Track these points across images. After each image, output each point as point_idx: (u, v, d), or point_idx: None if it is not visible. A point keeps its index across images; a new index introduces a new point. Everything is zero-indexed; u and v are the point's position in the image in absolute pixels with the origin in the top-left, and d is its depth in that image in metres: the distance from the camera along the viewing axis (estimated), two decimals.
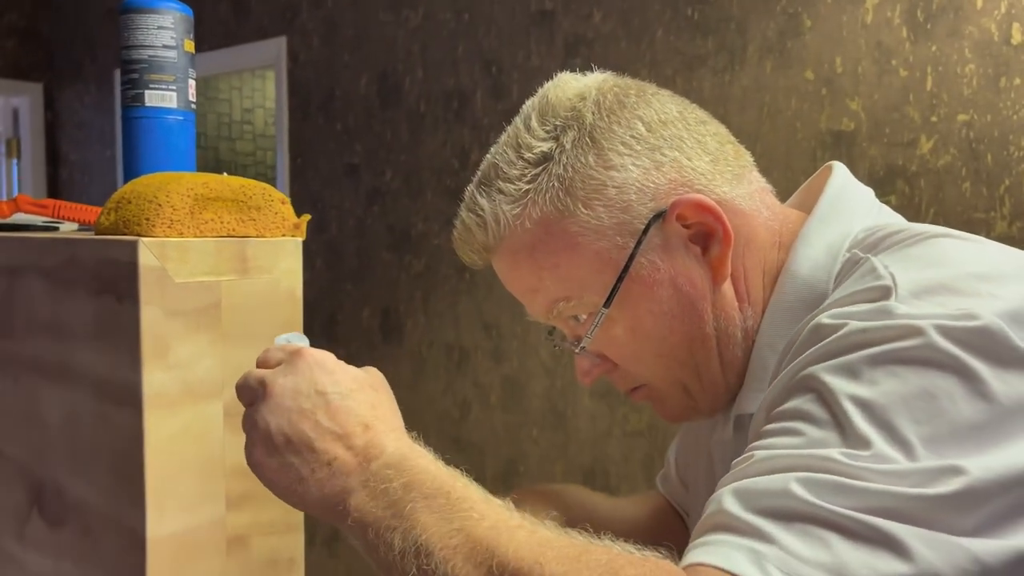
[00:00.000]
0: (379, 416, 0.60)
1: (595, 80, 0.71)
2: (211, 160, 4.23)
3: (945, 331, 0.50)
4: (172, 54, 0.79)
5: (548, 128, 0.67)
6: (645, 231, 0.64)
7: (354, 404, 0.60)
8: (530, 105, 0.70)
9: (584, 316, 0.68)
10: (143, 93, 0.79)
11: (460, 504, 0.54)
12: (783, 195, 0.84)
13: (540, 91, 0.70)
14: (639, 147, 0.65)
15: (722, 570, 0.47)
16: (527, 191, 0.66)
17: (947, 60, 1.73)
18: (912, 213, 1.79)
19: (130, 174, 0.83)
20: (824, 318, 0.56)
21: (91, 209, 0.89)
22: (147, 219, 0.70)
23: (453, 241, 0.72)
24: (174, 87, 0.80)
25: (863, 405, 0.50)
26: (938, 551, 0.46)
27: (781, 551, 0.47)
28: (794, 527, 0.47)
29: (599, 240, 0.65)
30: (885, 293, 0.54)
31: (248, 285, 0.74)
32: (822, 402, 0.52)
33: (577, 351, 0.69)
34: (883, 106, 1.81)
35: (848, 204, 0.71)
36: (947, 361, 0.49)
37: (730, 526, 0.50)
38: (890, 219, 0.72)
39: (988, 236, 1.69)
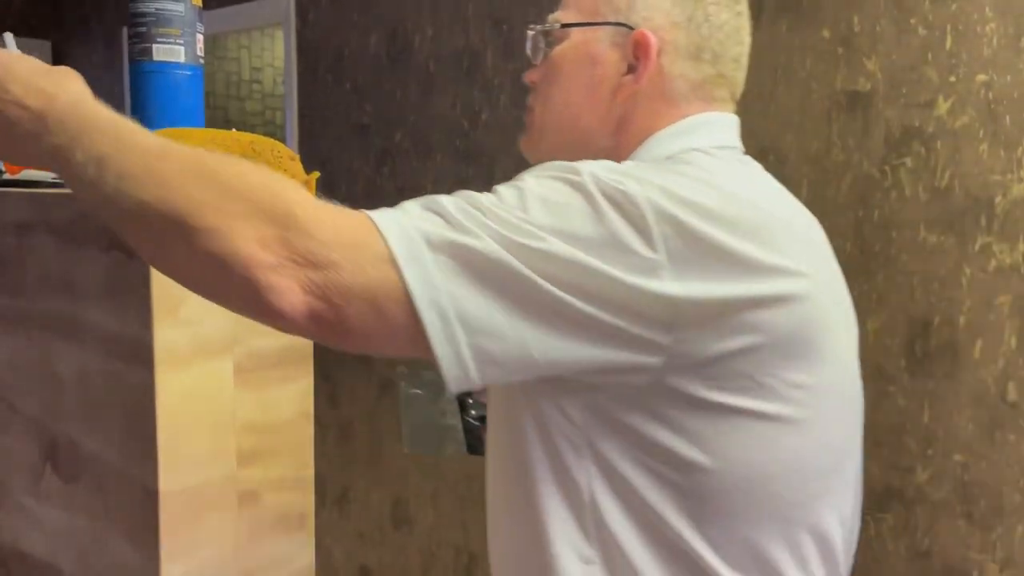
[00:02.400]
0: (52, 80, 0.69)
1: None
2: (220, 120, 4.21)
3: (598, 180, 0.66)
4: (179, 8, 0.78)
5: None
6: (619, 24, 0.82)
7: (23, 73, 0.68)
8: None
9: (550, 25, 0.86)
10: (151, 47, 0.78)
11: (118, 127, 0.66)
12: (795, 163, 0.93)
13: None
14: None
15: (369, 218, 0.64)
16: None
17: (967, 19, 1.70)
18: (928, 175, 1.76)
19: None
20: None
21: None
22: None
23: None
24: (181, 41, 0.79)
25: (522, 188, 0.67)
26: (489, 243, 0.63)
27: (406, 216, 0.64)
28: (426, 213, 0.65)
29: (603, 4, 0.82)
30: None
31: None
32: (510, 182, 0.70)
33: (533, 37, 0.87)
34: (900, 66, 1.78)
35: (699, 130, 0.85)
36: (585, 192, 0.66)
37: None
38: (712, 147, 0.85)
39: (1004, 199, 1.68)
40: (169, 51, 0.79)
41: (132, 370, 0.70)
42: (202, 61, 0.82)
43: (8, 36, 0.89)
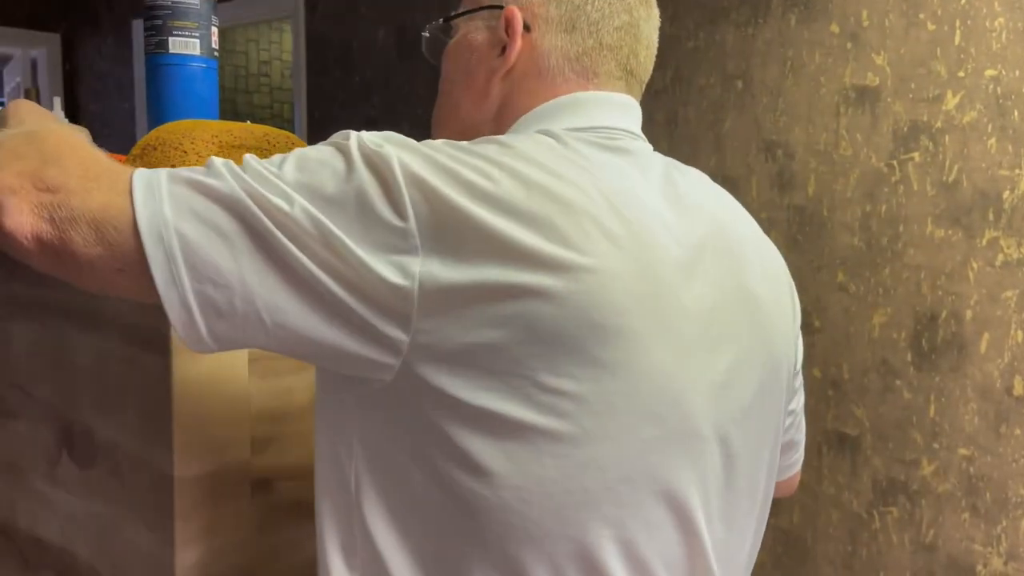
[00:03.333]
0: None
1: None
2: (228, 113, 4.22)
3: (360, 141, 0.62)
4: (195, 1, 0.79)
5: None
6: (489, 7, 0.77)
7: None
8: None
9: (436, 22, 0.82)
10: (167, 40, 0.79)
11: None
12: (802, 158, 0.87)
13: None
14: None
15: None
16: None
17: (976, 13, 1.70)
18: (936, 170, 1.77)
19: (154, 121, 0.83)
20: None
21: (116, 157, 0.90)
22: (173, 166, 0.70)
23: None
24: (197, 34, 0.80)
25: (291, 152, 0.64)
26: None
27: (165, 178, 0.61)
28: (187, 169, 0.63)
29: None
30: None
31: None
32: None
33: (426, 46, 0.85)
34: (909, 61, 1.79)
35: (560, 114, 0.76)
36: (345, 152, 0.62)
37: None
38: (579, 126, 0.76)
39: (1012, 194, 1.68)
40: (185, 44, 0.80)
41: (148, 357, 0.71)
42: (217, 54, 0.83)
43: (56, 100, 0.92)
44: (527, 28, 0.75)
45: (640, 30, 0.78)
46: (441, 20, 0.81)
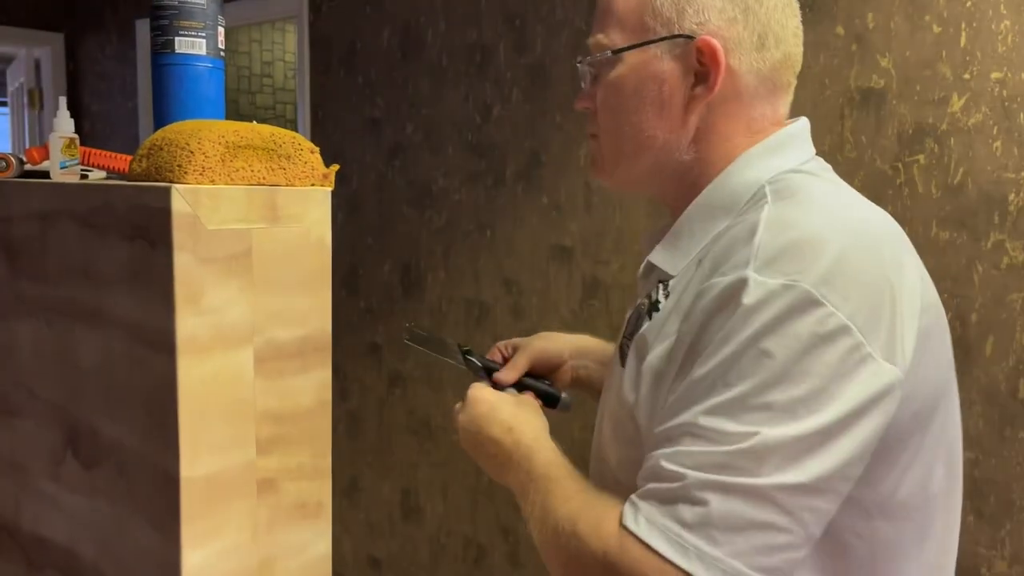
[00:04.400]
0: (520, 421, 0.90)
1: None
2: (231, 113, 4.22)
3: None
4: (202, 1, 0.79)
5: None
6: (675, 37, 0.79)
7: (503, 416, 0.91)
8: None
9: (601, 55, 0.83)
10: (173, 40, 0.79)
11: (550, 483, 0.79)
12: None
13: None
14: None
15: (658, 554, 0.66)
16: None
17: (982, 16, 1.70)
18: (941, 172, 1.76)
19: (160, 122, 0.83)
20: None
21: (121, 157, 0.90)
22: (179, 166, 0.70)
23: None
24: (203, 34, 0.80)
25: None
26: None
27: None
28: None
29: (650, 18, 0.80)
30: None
31: (278, 233, 0.75)
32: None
33: (584, 80, 0.87)
34: (914, 63, 1.78)
35: (788, 147, 0.83)
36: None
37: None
38: (807, 166, 0.83)
39: (1017, 197, 1.68)
40: (191, 44, 0.80)
41: (154, 358, 0.71)
42: (223, 54, 0.83)
43: (61, 100, 0.94)
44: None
45: (802, 32, 0.86)
46: (609, 53, 0.82)
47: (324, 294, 0.80)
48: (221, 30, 0.82)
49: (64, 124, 0.88)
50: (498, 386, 1.02)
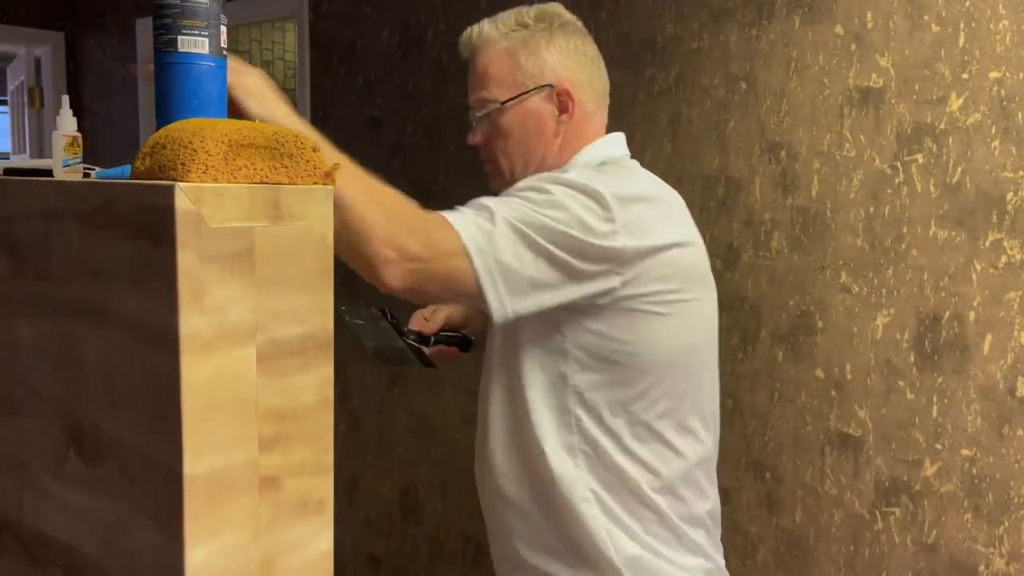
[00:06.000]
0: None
1: (560, 9, 1.30)
2: (231, 112, 4.21)
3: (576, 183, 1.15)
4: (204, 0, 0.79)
5: (535, 16, 1.26)
6: (543, 87, 1.24)
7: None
8: (532, 6, 1.29)
9: (488, 105, 1.26)
10: (175, 39, 0.80)
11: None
12: (806, 159, 0.88)
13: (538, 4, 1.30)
14: (564, 51, 1.25)
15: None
16: (510, 32, 1.26)
17: (981, 15, 1.70)
18: (939, 172, 1.77)
19: (162, 120, 0.83)
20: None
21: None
22: (182, 164, 0.70)
23: (463, 33, 1.36)
24: (206, 33, 0.80)
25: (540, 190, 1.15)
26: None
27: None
28: (482, 212, 1.11)
29: (520, 76, 1.24)
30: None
31: (281, 231, 0.75)
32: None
33: (474, 123, 1.29)
34: (913, 62, 1.79)
35: (612, 144, 1.30)
36: (574, 190, 1.13)
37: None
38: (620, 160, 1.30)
39: (1015, 196, 1.68)
40: (194, 43, 0.80)
41: (157, 356, 0.71)
42: (226, 53, 0.83)
43: (64, 99, 0.98)
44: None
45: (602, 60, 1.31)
46: (499, 103, 1.24)
47: (326, 292, 0.80)
48: (224, 29, 0.83)
49: (67, 122, 0.88)
50: (424, 337, 1.39)
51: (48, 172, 0.91)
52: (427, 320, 1.42)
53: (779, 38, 1.96)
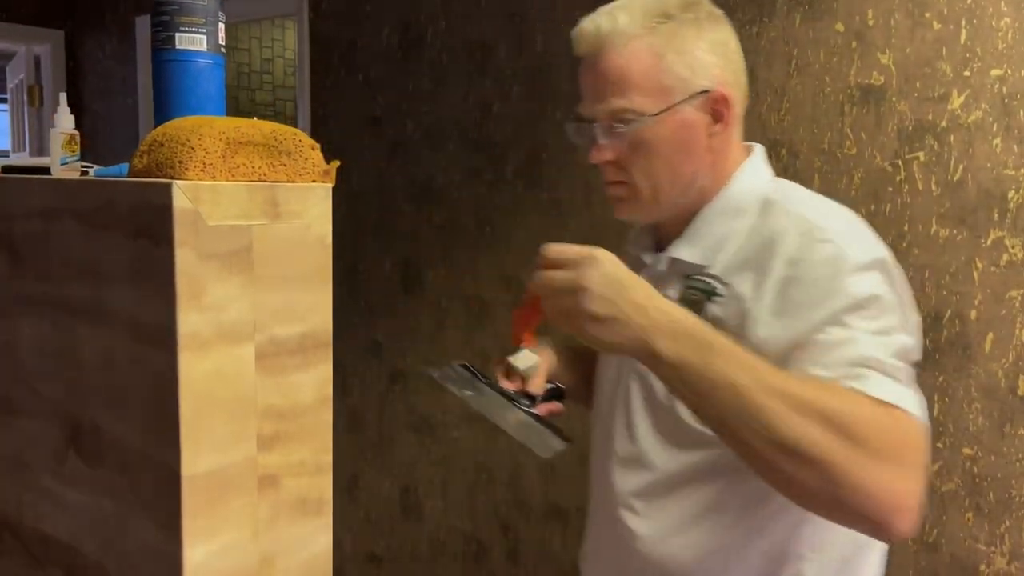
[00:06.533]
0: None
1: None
2: (230, 110, 4.20)
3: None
4: None
5: (679, 4, 1.02)
6: (697, 93, 1.00)
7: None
8: None
9: (629, 117, 1.00)
10: (174, 36, 0.79)
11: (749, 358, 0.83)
12: (807, 157, 0.89)
13: None
14: (713, 48, 1.01)
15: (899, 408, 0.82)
16: (654, 26, 1.00)
17: (982, 13, 1.70)
18: (941, 170, 1.76)
19: (161, 118, 0.83)
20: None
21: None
22: (180, 162, 0.70)
23: (582, 24, 1.02)
24: (204, 30, 0.80)
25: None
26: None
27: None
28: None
29: (668, 80, 0.99)
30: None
31: (279, 230, 0.75)
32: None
33: (604, 137, 1.02)
34: (915, 60, 1.78)
35: (763, 162, 1.09)
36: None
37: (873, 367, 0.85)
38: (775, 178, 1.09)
39: (1017, 194, 1.68)
40: (192, 40, 0.80)
41: (156, 354, 0.71)
42: (224, 50, 0.83)
43: (62, 96, 0.94)
44: None
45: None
46: (650, 116, 0.99)
47: (325, 290, 0.80)
48: (222, 26, 0.83)
49: (64, 120, 0.88)
50: (531, 397, 1.10)
51: (46, 170, 0.91)
52: (510, 375, 1.15)
53: (780, 36, 1.95)
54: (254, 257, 0.73)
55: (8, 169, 0.92)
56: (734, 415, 0.79)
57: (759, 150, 1.08)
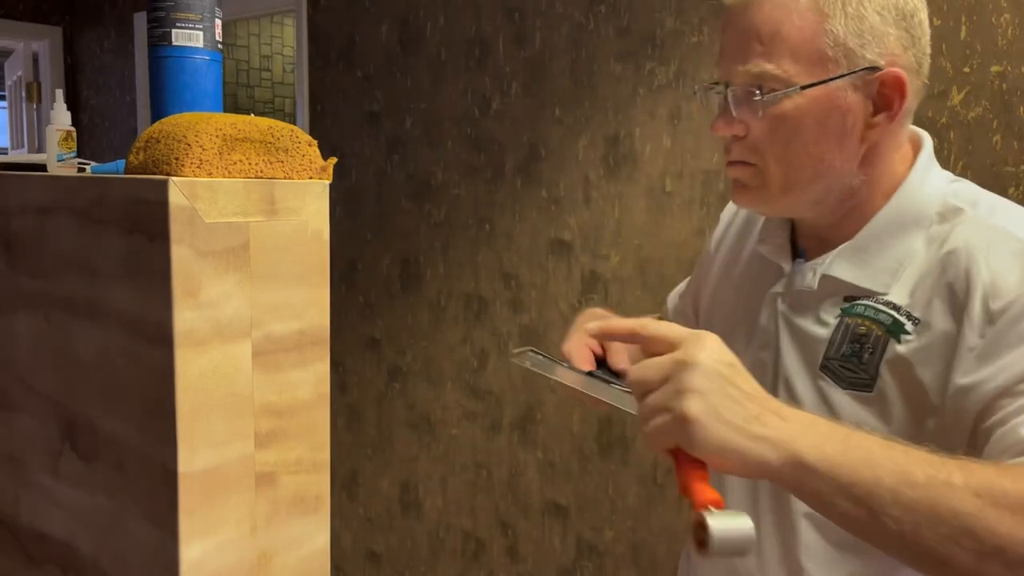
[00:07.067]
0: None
1: None
2: (229, 107, 4.22)
3: None
4: None
5: None
6: (864, 69, 0.80)
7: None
8: None
9: (772, 85, 0.81)
10: (170, 32, 0.79)
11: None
12: None
13: None
14: (894, 17, 0.81)
15: None
16: None
17: (982, 9, 1.69)
18: (941, 166, 1.76)
19: (157, 114, 0.83)
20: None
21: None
22: (176, 159, 0.70)
23: None
24: (200, 26, 0.80)
25: None
26: None
27: None
28: None
29: (829, 49, 0.79)
30: None
31: (276, 226, 0.75)
32: None
33: (737, 106, 0.84)
34: None
35: (934, 159, 0.89)
36: None
37: None
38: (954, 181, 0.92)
39: (1017, 190, 1.67)
40: (188, 36, 0.80)
41: (152, 351, 0.71)
42: (220, 47, 0.82)
43: (59, 92, 0.91)
44: None
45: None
46: (799, 87, 0.80)
47: (322, 287, 0.80)
48: (218, 22, 0.82)
49: (61, 117, 0.88)
50: (616, 374, 0.91)
51: (42, 167, 0.90)
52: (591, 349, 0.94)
53: None
54: (251, 254, 0.73)
55: (3, 166, 0.91)
56: (928, 525, 0.61)
57: (928, 143, 0.88)
